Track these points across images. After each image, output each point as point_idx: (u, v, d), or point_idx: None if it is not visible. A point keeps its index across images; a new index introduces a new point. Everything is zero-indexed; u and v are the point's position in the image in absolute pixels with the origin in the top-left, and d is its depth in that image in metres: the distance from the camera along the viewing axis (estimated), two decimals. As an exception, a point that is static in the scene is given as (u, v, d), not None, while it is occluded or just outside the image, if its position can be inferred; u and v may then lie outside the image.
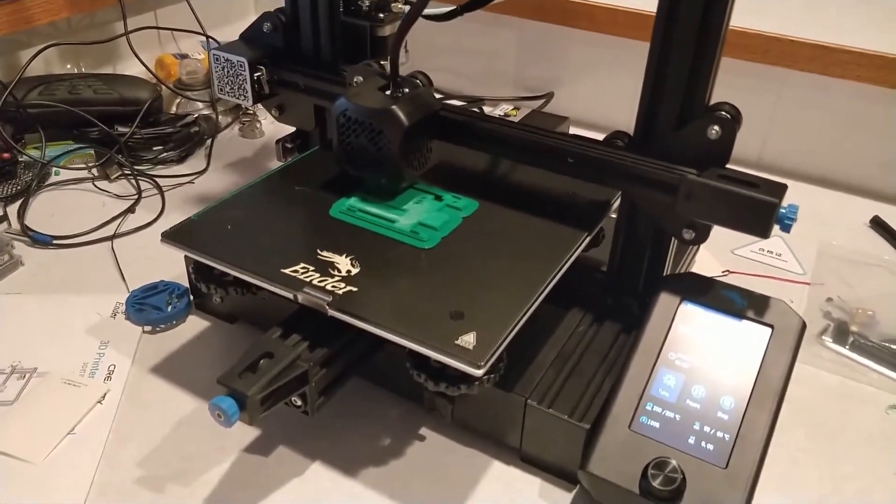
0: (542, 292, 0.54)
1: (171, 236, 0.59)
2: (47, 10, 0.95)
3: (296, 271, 0.54)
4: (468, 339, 0.49)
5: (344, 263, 0.55)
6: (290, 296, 0.53)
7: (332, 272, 0.54)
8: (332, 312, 0.51)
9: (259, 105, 0.75)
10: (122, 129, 0.91)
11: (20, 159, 0.87)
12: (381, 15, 0.73)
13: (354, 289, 0.53)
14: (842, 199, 0.93)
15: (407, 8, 0.71)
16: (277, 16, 0.72)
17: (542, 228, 0.61)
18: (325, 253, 0.56)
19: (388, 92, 0.62)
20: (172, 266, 0.71)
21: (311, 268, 0.55)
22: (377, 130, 0.60)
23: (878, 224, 0.86)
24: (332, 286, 0.53)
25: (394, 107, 0.59)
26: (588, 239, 0.60)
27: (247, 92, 0.72)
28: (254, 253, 0.57)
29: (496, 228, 0.61)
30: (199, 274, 0.59)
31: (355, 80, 0.67)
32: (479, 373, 0.47)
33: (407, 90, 0.62)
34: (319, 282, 0.53)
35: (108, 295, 0.70)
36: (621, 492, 0.49)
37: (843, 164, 0.95)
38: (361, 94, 0.61)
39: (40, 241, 0.78)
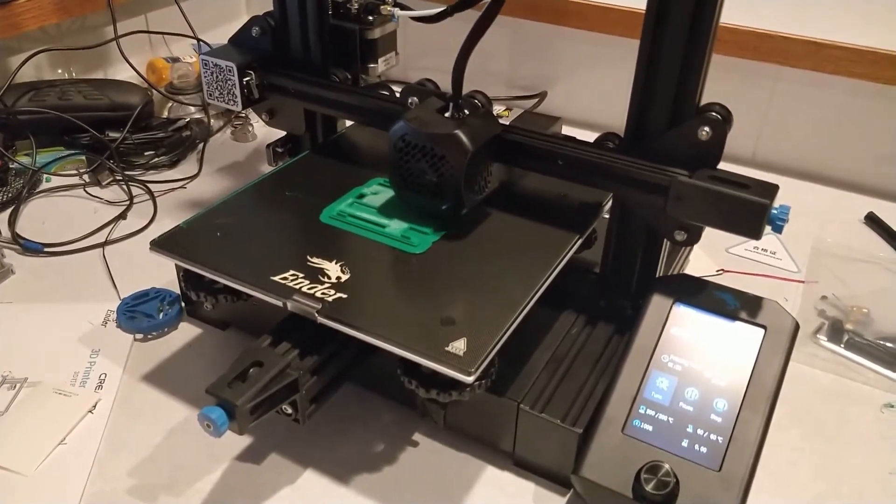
0: (533, 296, 0.53)
1: (161, 245, 0.58)
2: (36, 15, 0.94)
3: (285, 278, 0.54)
4: (458, 346, 0.48)
5: (334, 270, 0.55)
6: (280, 304, 0.52)
7: (321, 279, 0.54)
8: (321, 320, 0.51)
9: (251, 108, 0.75)
10: (113, 135, 0.90)
11: (11, 166, 0.87)
12: (371, 18, 0.73)
13: (344, 295, 0.53)
14: (836, 196, 0.93)
15: (395, 10, 0.70)
16: (266, 19, 0.71)
17: (533, 231, 0.61)
18: (314, 259, 0.56)
19: (447, 114, 0.59)
20: (164, 273, 0.70)
21: (301, 275, 0.54)
22: (439, 156, 0.57)
23: (872, 220, 0.86)
24: (322, 293, 0.53)
25: (457, 131, 0.56)
26: (580, 241, 0.60)
27: (236, 97, 0.71)
28: (243, 260, 0.56)
29: (487, 232, 0.61)
30: (189, 282, 0.59)
31: (410, 100, 0.64)
32: (469, 379, 0.47)
33: (467, 112, 0.59)
34: (309, 289, 0.53)
35: (99, 303, 0.70)
36: (615, 496, 0.49)
37: (837, 160, 0.94)
38: (420, 117, 0.58)
39: (31, 248, 0.77)
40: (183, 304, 0.69)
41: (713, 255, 0.79)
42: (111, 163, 0.89)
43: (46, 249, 0.77)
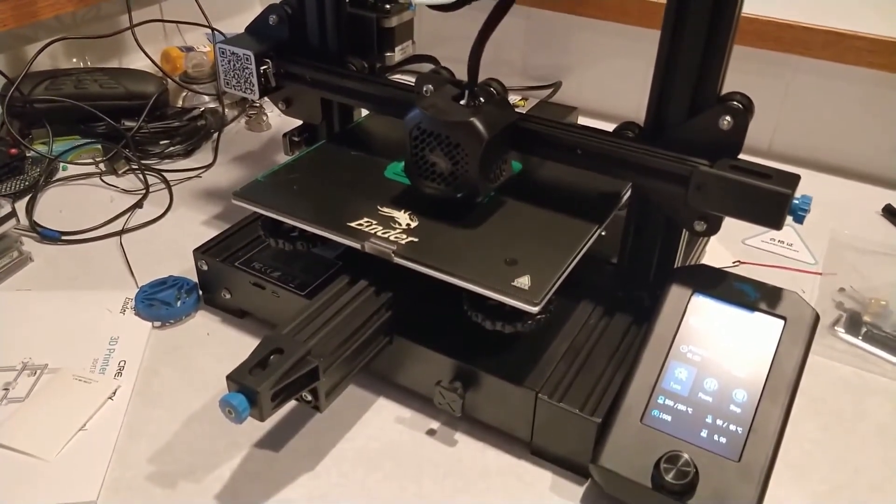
0: (588, 241, 0.58)
1: (243, 195, 0.62)
2: (52, 4, 0.94)
3: (360, 224, 0.58)
4: (523, 281, 0.53)
5: (403, 218, 0.59)
6: (358, 246, 0.57)
7: (393, 225, 0.58)
8: (397, 260, 0.55)
9: (265, 98, 0.75)
10: (128, 124, 0.91)
11: (28, 155, 0.87)
12: (388, 6, 0.72)
13: (416, 239, 0.57)
14: (854, 188, 0.92)
15: (413, -1, 0.70)
16: (283, 7, 0.71)
17: (585, 184, 0.64)
18: (385, 209, 0.60)
19: (463, 102, 0.59)
20: (181, 261, 0.71)
21: (374, 222, 0.59)
22: (454, 144, 0.57)
23: (890, 212, 0.86)
24: (395, 237, 0.57)
25: (472, 119, 0.56)
26: (629, 194, 0.62)
27: (253, 85, 0.71)
28: (320, 209, 0.61)
29: (543, 186, 0.65)
30: (267, 230, 0.63)
31: (425, 88, 0.64)
32: (535, 309, 0.51)
33: (482, 99, 0.58)
34: (383, 233, 0.57)
35: (117, 290, 0.70)
36: (633, 486, 0.49)
37: (856, 151, 0.94)
38: (436, 105, 0.58)
39: (49, 236, 0.78)
40: (200, 292, 0.69)
41: (730, 246, 0.79)
42: (127, 151, 0.89)
43: (64, 237, 0.78)
